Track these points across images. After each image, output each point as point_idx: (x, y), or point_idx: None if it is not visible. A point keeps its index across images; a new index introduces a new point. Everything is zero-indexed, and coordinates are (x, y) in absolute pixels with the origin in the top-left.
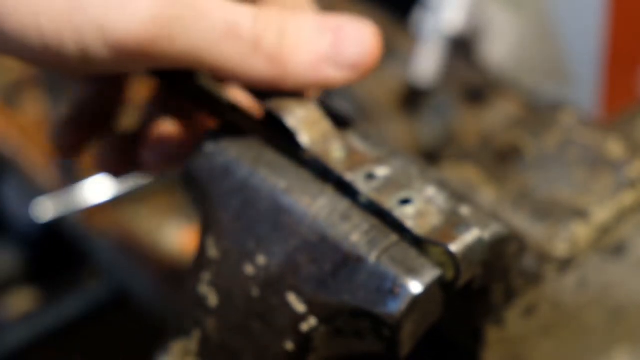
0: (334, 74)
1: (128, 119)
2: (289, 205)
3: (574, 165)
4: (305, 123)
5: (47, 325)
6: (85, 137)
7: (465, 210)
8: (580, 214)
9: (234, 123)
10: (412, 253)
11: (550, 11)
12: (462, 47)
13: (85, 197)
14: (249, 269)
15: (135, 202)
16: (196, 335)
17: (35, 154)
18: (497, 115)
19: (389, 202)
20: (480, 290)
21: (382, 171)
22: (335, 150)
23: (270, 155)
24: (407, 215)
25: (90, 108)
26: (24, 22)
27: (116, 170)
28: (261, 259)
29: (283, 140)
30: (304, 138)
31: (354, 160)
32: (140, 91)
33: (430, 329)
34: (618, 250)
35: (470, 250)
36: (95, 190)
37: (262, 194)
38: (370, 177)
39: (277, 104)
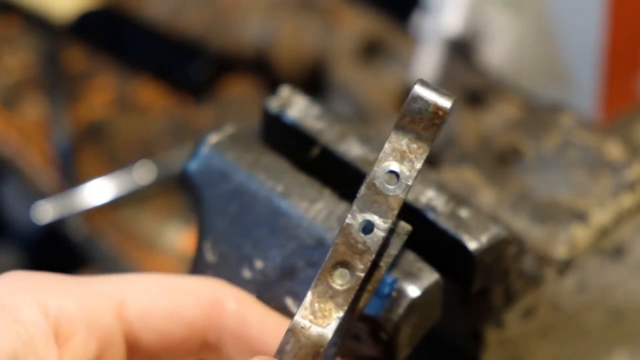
0: None
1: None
2: (287, 208)
3: (574, 168)
4: None
5: None
6: None
7: (464, 212)
8: (579, 216)
9: None
10: (410, 256)
11: (550, 14)
12: (461, 49)
13: (85, 199)
14: (247, 273)
15: (135, 205)
16: None
17: (35, 156)
18: (497, 118)
19: None
20: (480, 292)
21: None
22: None
23: (268, 159)
24: None
25: None
26: None
27: None
28: (258, 263)
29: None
30: None
31: None
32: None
33: (429, 331)
34: (617, 252)
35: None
36: (95, 192)
37: (259, 197)
38: None
39: None
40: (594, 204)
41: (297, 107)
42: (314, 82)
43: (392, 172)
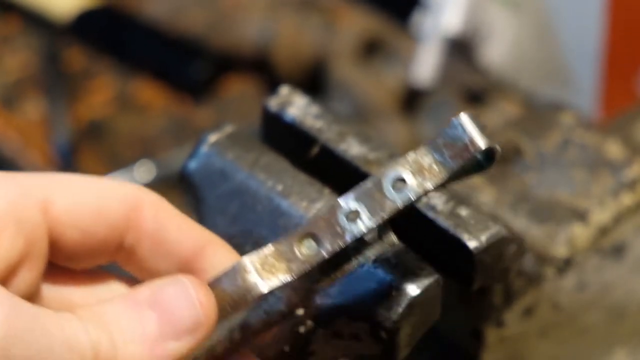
0: (177, 346)
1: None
2: (287, 208)
3: (574, 167)
4: None
5: None
6: None
7: (464, 211)
8: (579, 215)
9: None
10: (409, 255)
11: (550, 13)
12: (461, 48)
13: None
14: None
15: None
16: None
17: (35, 156)
18: (497, 117)
19: None
20: (479, 291)
21: None
22: None
23: (268, 158)
24: None
25: None
26: None
27: None
28: None
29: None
30: None
31: None
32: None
33: (429, 330)
34: (617, 251)
35: None
36: None
37: (259, 197)
38: None
39: None
40: (594, 203)
41: (296, 107)
42: (313, 82)
43: (402, 180)
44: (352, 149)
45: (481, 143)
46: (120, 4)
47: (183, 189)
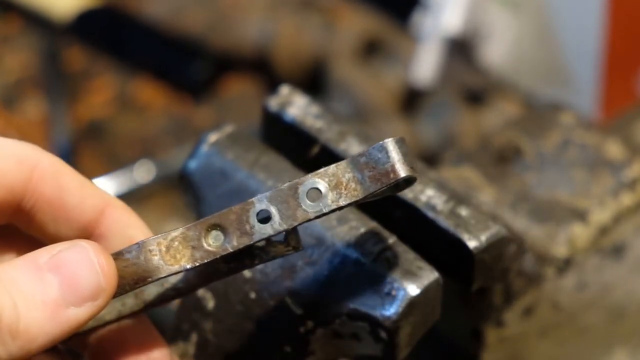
0: (78, 313)
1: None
2: None
3: (574, 167)
4: None
5: None
6: None
7: (464, 211)
8: (579, 214)
9: None
10: (409, 255)
11: (550, 13)
12: (461, 48)
13: None
14: (247, 272)
15: (134, 204)
16: (194, 338)
17: None
18: (497, 116)
19: None
20: (480, 291)
21: None
22: None
23: (268, 158)
24: None
25: None
26: None
27: None
28: None
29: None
30: None
31: None
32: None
33: (429, 330)
34: (617, 251)
35: None
36: None
37: None
38: None
39: None
40: (594, 203)
41: (297, 106)
42: (313, 81)
43: (318, 190)
44: (352, 148)
45: (401, 172)
46: (120, 4)
47: (183, 188)
